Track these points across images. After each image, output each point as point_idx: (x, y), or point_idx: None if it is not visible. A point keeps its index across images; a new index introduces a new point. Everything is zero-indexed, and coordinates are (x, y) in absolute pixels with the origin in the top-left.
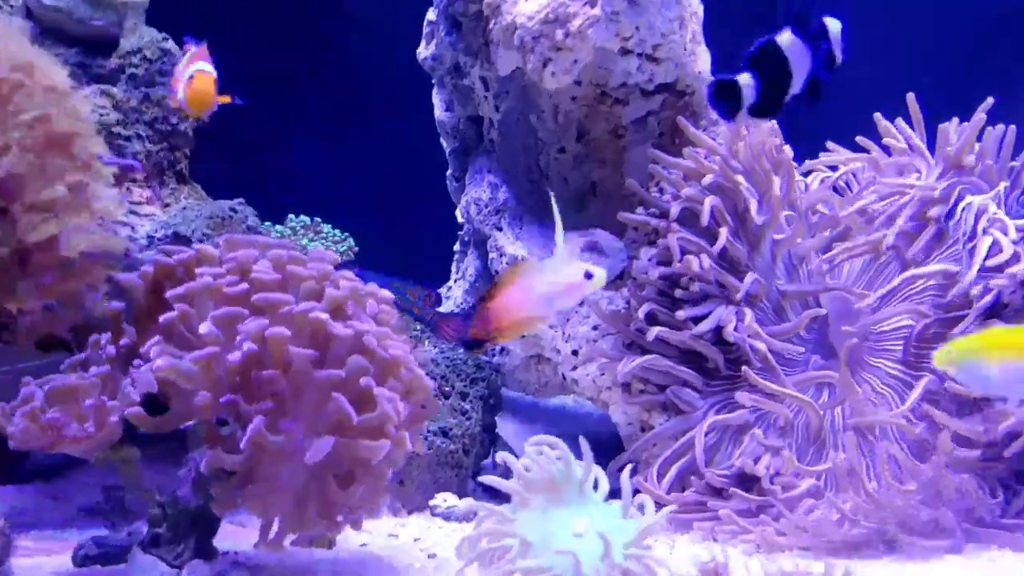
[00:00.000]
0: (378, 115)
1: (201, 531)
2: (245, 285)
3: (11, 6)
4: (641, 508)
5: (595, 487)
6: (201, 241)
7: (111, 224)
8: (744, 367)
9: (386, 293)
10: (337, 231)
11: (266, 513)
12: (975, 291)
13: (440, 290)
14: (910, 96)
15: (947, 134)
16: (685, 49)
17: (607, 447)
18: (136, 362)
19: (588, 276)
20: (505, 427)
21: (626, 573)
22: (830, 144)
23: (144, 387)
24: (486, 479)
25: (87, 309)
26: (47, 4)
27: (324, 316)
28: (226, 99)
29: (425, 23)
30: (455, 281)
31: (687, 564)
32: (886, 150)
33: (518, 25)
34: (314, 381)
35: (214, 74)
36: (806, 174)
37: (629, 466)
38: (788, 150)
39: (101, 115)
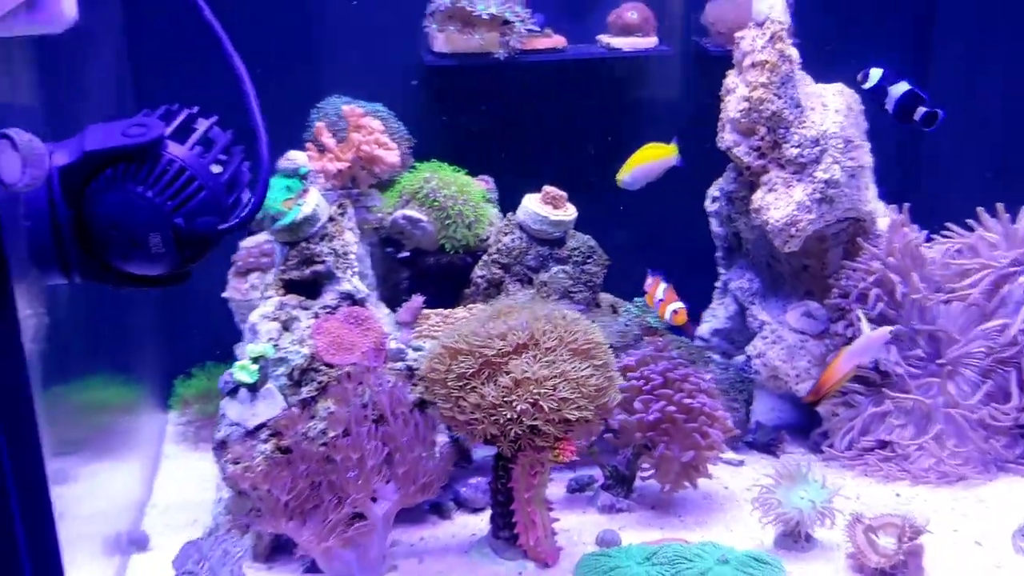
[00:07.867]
0: None
1: (628, 484)
2: (647, 384)
3: (510, 225)
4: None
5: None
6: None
7: None
8: (884, 388)
9: (707, 381)
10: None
11: (663, 479)
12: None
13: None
14: (999, 206)
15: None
16: (859, 198)
17: None
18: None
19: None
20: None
21: (820, 513)
22: (949, 224)
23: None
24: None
25: None
26: (531, 227)
27: (679, 397)
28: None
29: (715, 188)
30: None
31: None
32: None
33: (770, 225)
34: (683, 428)
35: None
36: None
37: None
38: (923, 249)
39: (562, 281)
